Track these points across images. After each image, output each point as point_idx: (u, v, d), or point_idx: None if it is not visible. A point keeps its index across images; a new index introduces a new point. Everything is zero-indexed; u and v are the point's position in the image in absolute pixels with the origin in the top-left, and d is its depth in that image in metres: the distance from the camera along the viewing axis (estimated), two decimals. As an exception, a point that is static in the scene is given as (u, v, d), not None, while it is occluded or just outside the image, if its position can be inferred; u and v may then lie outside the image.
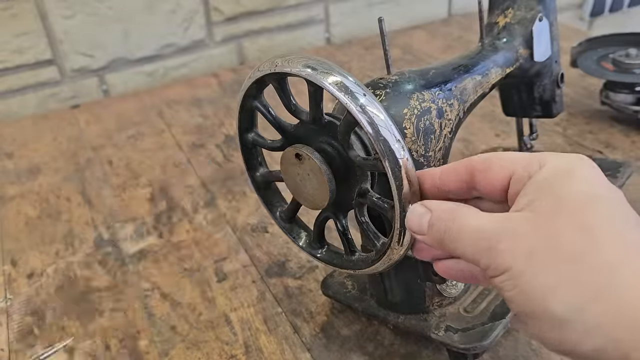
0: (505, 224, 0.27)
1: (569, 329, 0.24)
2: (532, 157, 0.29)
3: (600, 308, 0.23)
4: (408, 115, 0.38)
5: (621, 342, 0.23)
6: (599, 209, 0.25)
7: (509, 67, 0.50)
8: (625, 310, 0.23)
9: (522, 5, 0.54)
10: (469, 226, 0.28)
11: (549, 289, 0.25)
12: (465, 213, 0.29)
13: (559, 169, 0.27)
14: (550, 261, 0.25)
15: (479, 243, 0.27)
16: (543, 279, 0.25)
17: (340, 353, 0.48)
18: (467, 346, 0.41)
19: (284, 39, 1.18)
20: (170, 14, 1.05)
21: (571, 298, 0.24)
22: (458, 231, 0.29)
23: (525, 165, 0.29)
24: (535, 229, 0.26)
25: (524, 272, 0.25)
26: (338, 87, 0.33)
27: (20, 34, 0.96)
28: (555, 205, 0.26)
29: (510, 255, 0.26)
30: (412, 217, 0.32)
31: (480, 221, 0.28)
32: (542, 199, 0.27)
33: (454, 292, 0.45)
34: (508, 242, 0.26)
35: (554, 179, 0.27)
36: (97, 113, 0.98)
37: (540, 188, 0.27)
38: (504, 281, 0.26)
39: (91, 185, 0.77)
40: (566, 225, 0.25)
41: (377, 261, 0.38)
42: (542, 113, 0.60)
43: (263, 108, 0.40)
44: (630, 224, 0.25)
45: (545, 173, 0.28)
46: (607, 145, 0.73)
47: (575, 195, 0.26)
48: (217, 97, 0.99)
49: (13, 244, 0.66)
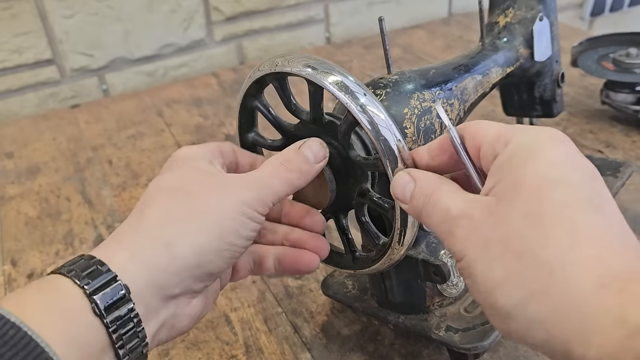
0: (466, 209, 0.27)
1: (513, 323, 0.24)
2: (500, 133, 0.28)
3: (541, 304, 0.23)
4: (408, 115, 0.38)
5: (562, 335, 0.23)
6: (554, 195, 0.24)
7: (510, 67, 0.50)
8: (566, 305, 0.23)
9: (523, 4, 0.54)
10: (439, 205, 0.28)
11: (496, 282, 0.25)
12: (442, 190, 0.29)
13: (523, 147, 0.26)
14: (499, 253, 0.25)
15: (443, 225, 0.28)
16: (492, 272, 0.25)
17: (341, 353, 0.48)
18: (467, 346, 0.41)
19: (284, 39, 1.17)
20: (170, 14, 1.05)
21: (515, 293, 0.24)
22: (433, 207, 0.29)
23: (491, 141, 0.28)
24: (490, 215, 0.26)
25: (477, 261, 0.25)
26: (338, 87, 0.33)
27: (20, 34, 0.96)
28: (513, 189, 0.25)
29: (466, 242, 0.26)
30: (397, 185, 0.32)
31: (450, 201, 0.28)
32: (502, 180, 0.26)
33: (454, 292, 0.45)
34: (465, 228, 0.26)
35: (516, 159, 0.26)
36: (97, 113, 0.98)
37: (502, 170, 0.26)
38: (462, 268, 0.27)
39: (91, 185, 0.77)
40: (518, 212, 0.25)
41: (378, 261, 0.38)
42: (542, 113, 0.60)
43: (263, 108, 0.40)
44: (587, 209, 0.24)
45: (509, 152, 0.27)
46: (608, 144, 0.73)
47: (533, 178, 0.25)
48: (217, 97, 0.99)
49: (13, 244, 0.66)
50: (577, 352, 0.22)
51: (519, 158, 0.26)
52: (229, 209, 0.32)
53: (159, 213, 0.32)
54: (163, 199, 0.33)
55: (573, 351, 0.22)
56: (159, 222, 0.32)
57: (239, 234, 0.33)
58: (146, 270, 0.30)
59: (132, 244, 0.31)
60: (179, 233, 0.31)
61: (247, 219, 0.33)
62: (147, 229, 0.32)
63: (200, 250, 0.31)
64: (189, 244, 0.31)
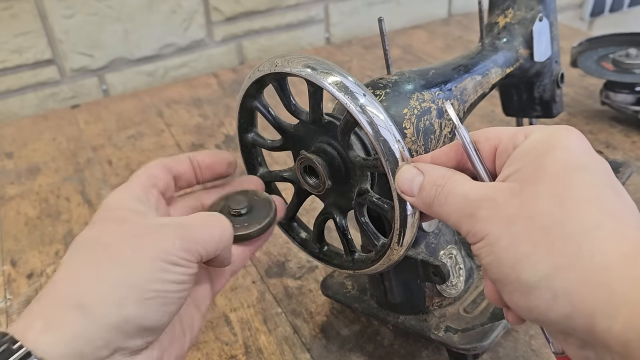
0: (488, 192, 0.28)
1: (537, 295, 0.25)
2: (519, 129, 0.30)
3: (568, 275, 0.24)
4: (408, 116, 0.38)
5: (587, 308, 0.23)
6: (578, 178, 0.26)
7: (509, 67, 0.50)
8: (592, 275, 0.23)
9: (522, 5, 0.54)
10: (456, 192, 0.29)
11: (522, 255, 0.25)
12: (456, 179, 0.30)
13: (545, 138, 0.28)
14: (526, 229, 0.25)
15: (463, 209, 0.28)
16: (518, 247, 0.25)
17: (340, 353, 0.48)
18: (467, 346, 0.41)
19: (284, 39, 1.18)
20: (170, 14, 1.05)
21: (541, 265, 0.24)
22: (446, 196, 0.29)
23: (511, 136, 0.29)
24: (514, 197, 0.26)
25: (500, 238, 0.26)
26: (338, 87, 0.33)
27: (20, 34, 0.96)
28: (537, 173, 0.26)
29: (489, 222, 0.27)
30: (403, 178, 0.32)
31: (467, 188, 0.29)
32: (525, 167, 0.27)
33: (453, 292, 0.45)
34: (488, 209, 0.27)
35: (538, 148, 0.27)
36: (96, 113, 0.98)
37: (523, 157, 0.28)
38: (481, 248, 0.27)
39: (91, 185, 0.77)
40: (544, 193, 0.26)
41: (377, 261, 0.38)
42: (542, 113, 0.60)
43: (263, 108, 0.40)
44: (609, 193, 0.26)
45: (530, 143, 0.28)
46: (607, 145, 0.73)
47: (557, 164, 0.26)
48: (217, 97, 0.99)
49: (13, 244, 0.66)
50: (601, 326, 0.22)
51: (541, 148, 0.27)
52: (146, 256, 0.30)
53: (70, 272, 0.30)
54: (77, 256, 0.31)
55: (597, 325, 0.23)
56: (70, 281, 0.29)
57: (163, 279, 0.30)
58: (61, 339, 0.27)
59: (46, 310, 0.28)
60: (91, 291, 0.29)
61: (169, 265, 0.30)
62: (59, 291, 0.29)
63: (120, 303, 0.29)
64: (105, 300, 0.29)
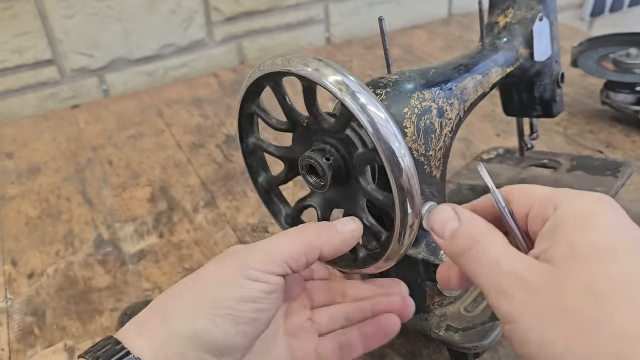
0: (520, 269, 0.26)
1: None
2: (548, 197, 0.28)
3: None
4: (408, 115, 0.38)
5: None
6: (613, 268, 0.24)
7: (509, 67, 0.50)
8: None
9: (523, 4, 0.54)
10: (490, 255, 0.27)
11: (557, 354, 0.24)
12: (492, 238, 0.28)
13: (573, 213, 0.26)
14: (561, 326, 0.24)
15: (493, 278, 0.27)
16: (553, 344, 0.24)
17: (341, 353, 0.48)
18: (467, 345, 0.41)
19: (284, 39, 1.18)
20: (170, 14, 1.05)
21: None
22: (478, 253, 0.28)
23: (540, 204, 0.28)
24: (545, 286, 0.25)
25: (533, 331, 0.25)
26: (338, 86, 0.33)
27: (20, 34, 0.96)
28: (567, 258, 0.25)
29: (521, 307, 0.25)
30: (438, 217, 0.31)
31: (502, 254, 0.27)
32: (554, 247, 0.26)
33: (454, 291, 0.45)
34: (519, 291, 0.26)
35: (567, 225, 0.26)
36: (97, 113, 0.98)
37: (553, 235, 0.26)
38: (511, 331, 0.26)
39: (91, 185, 0.77)
40: (577, 287, 0.24)
41: (378, 260, 0.38)
42: (542, 113, 0.60)
43: (261, 112, 0.40)
44: None
45: (559, 217, 0.26)
46: (608, 145, 0.73)
47: (586, 248, 0.25)
48: (217, 97, 0.99)
49: (13, 244, 0.66)
50: None
51: (570, 224, 0.26)
52: (225, 271, 0.33)
53: (169, 288, 0.35)
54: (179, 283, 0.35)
55: None
56: (164, 295, 0.34)
57: (237, 296, 0.32)
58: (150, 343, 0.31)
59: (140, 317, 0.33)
60: (174, 302, 0.33)
61: (245, 280, 0.32)
62: (154, 302, 0.34)
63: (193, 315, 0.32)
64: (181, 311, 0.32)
